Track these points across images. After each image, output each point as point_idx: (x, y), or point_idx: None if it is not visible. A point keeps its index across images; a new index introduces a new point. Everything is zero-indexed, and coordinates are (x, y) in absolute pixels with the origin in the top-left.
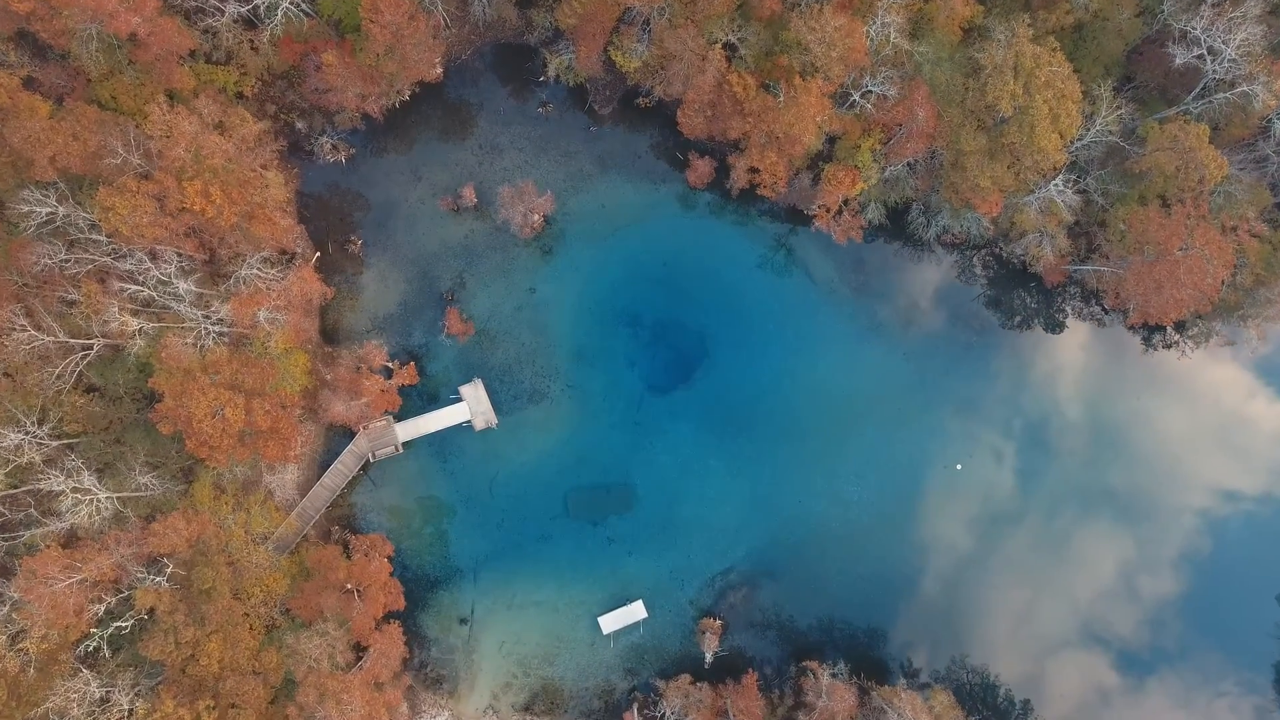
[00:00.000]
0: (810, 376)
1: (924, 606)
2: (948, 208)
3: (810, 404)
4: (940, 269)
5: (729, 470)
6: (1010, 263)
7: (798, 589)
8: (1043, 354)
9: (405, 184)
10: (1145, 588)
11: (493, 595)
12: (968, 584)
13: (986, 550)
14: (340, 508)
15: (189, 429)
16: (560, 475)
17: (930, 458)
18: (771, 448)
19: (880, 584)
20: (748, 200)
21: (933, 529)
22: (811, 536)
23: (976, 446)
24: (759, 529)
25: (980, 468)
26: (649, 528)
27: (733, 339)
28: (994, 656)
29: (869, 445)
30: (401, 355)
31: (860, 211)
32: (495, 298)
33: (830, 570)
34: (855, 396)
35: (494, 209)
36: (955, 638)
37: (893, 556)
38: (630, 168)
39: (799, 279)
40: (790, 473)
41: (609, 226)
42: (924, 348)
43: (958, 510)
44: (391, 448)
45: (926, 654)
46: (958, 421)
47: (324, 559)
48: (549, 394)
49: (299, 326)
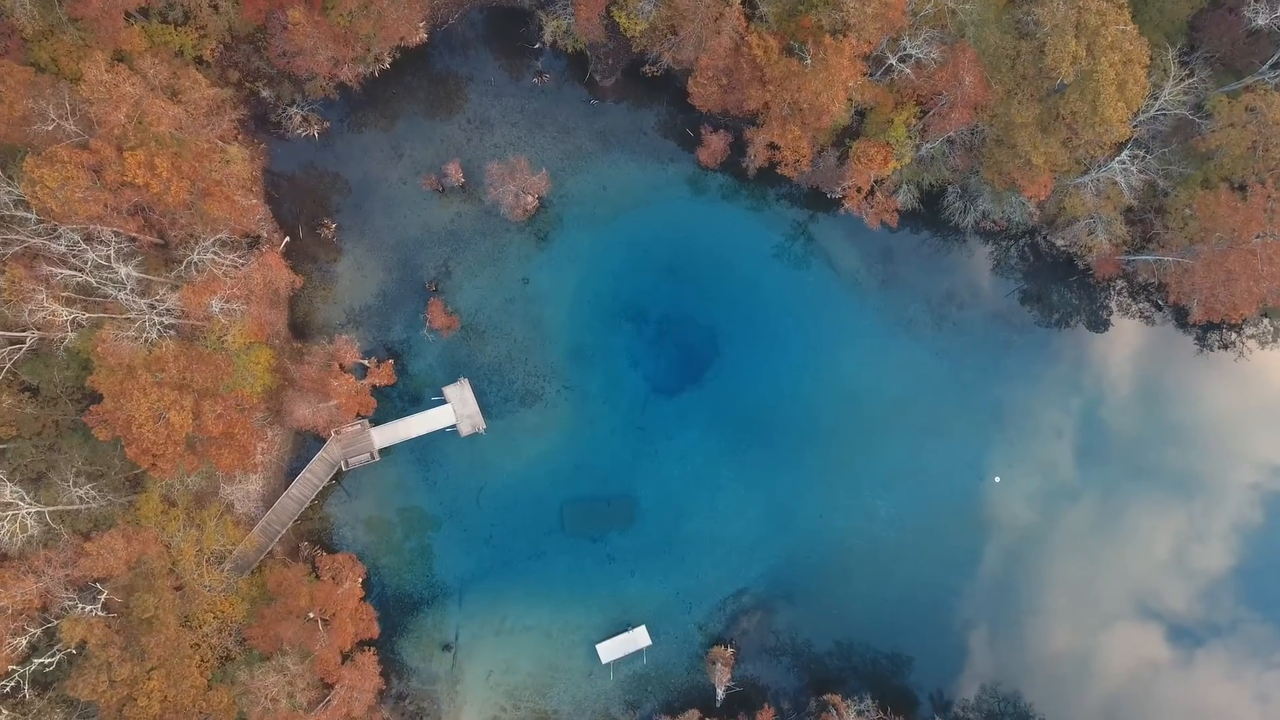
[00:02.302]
0: (832, 378)
1: (956, 633)
2: (989, 191)
3: (832, 408)
4: (977, 259)
5: (742, 481)
6: (1055, 253)
7: (818, 613)
8: (1090, 354)
9: (385, 162)
10: (1200, 583)
11: (479, 619)
12: (1005, 608)
13: (1026, 572)
14: (310, 521)
15: (128, 434)
16: (555, 486)
17: (965, 468)
18: (789, 456)
19: (909, 608)
20: (766, 182)
21: (968, 548)
22: (833, 555)
23: (1017, 457)
24: (775, 546)
25: (1021, 480)
26: (653, 545)
27: (747, 336)
28: (1030, 686)
29: (897, 454)
30: (380, 352)
31: (893, 193)
32: (484, 289)
33: (854, 592)
34: (882, 400)
35: (482, 189)
36: (990, 666)
37: (923, 578)
38: (635, 145)
39: (820, 270)
40: (810, 484)
41: (611, 210)
42: (958, 346)
43: (996, 528)
44: (367, 455)
45: (959, 684)
46: (996, 429)
47: (285, 581)
48: (543, 396)
49: (263, 319)
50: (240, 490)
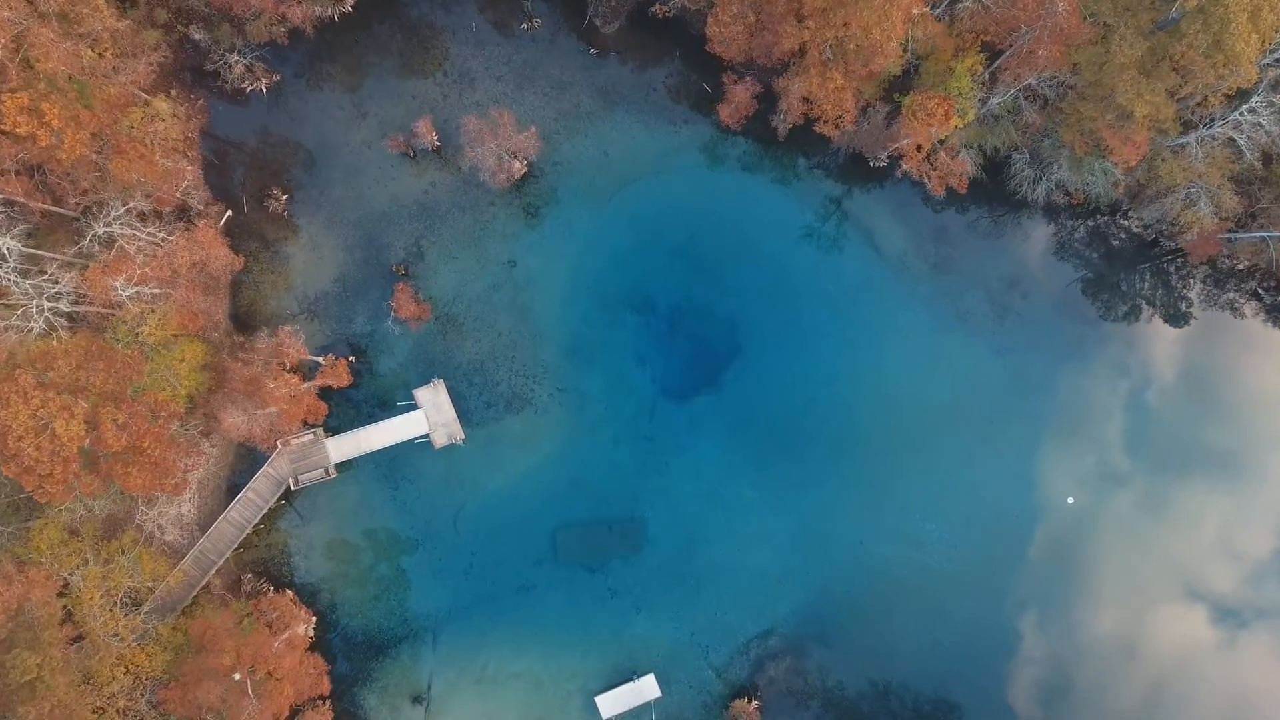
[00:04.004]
0: (874, 379)
1: (1018, 683)
2: (1066, 156)
3: (874, 415)
4: (1046, 240)
5: (767, 501)
6: (1136, 233)
7: (857, 658)
8: (1182, 352)
9: (346, 123)
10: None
11: (457, 665)
12: (1078, 653)
13: (1104, 610)
14: (255, 549)
15: (4, 449)
16: (547, 507)
17: (1032, 487)
18: (823, 472)
19: (964, 651)
20: (798, 146)
21: (1034, 581)
22: (875, 589)
23: (1093, 473)
24: (807, 579)
25: (1099, 502)
26: (663, 577)
27: (773, 330)
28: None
29: (950, 470)
30: (340, 348)
31: (957, 155)
32: (463, 273)
33: (899, 633)
34: (932, 406)
35: (460, 154)
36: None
37: (980, 616)
38: (642, 103)
39: (860, 252)
40: (847, 505)
41: (613, 181)
42: (1023, 342)
43: (1068, 558)
44: (321, 471)
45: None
46: (1068, 440)
47: (210, 631)
48: (533, 400)
49: (193, 307)
50: (169, 514)
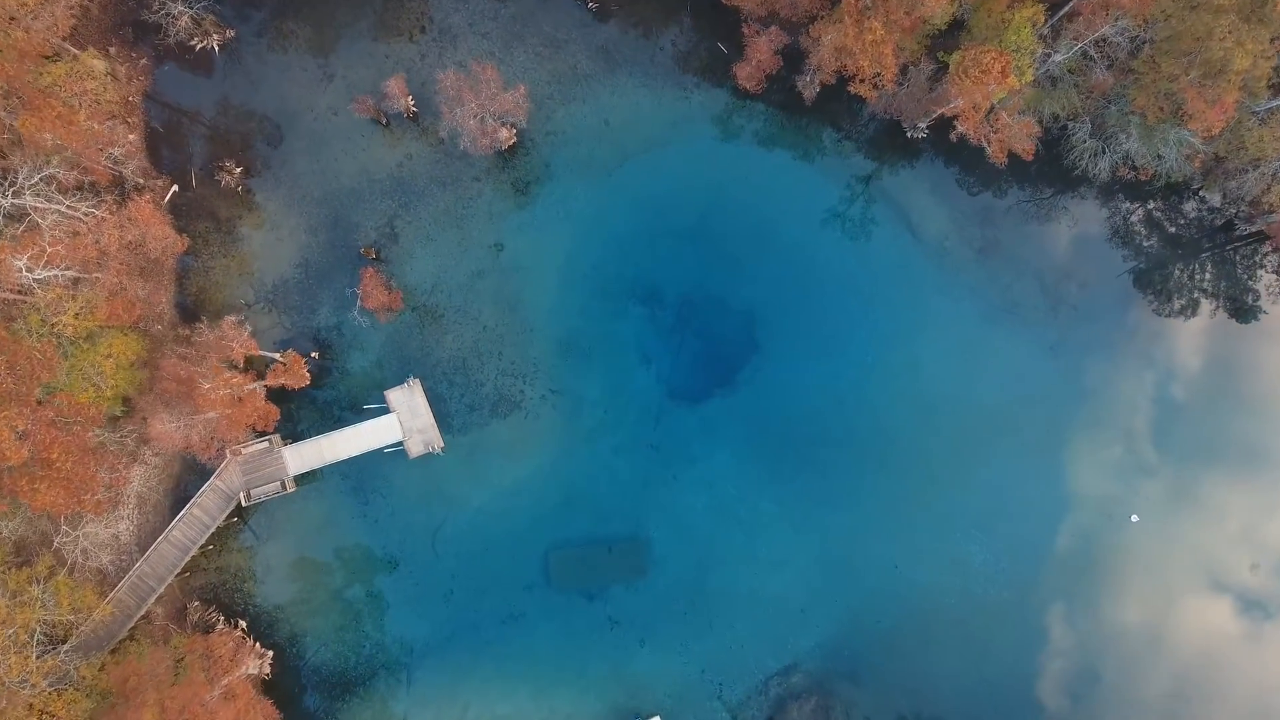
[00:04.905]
0: (910, 379)
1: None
2: (1136, 124)
3: (910, 420)
4: (1109, 221)
5: (789, 519)
6: (1211, 214)
7: (892, 699)
8: (1266, 351)
9: (310, 85)
10: None
11: (435, 705)
12: (1143, 696)
13: (1177, 645)
14: (205, 573)
15: None
16: (538, 525)
17: (1091, 502)
18: (852, 486)
19: (1012, 691)
20: (825, 113)
21: (1094, 610)
22: (912, 620)
23: (1160, 488)
24: (834, 608)
25: (1168, 519)
26: (670, 605)
27: (796, 323)
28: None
29: (998, 484)
30: (302, 343)
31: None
32: (443, 257)
33: (940, 671)
34: (977, 410)
35: (438, 120)
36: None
37: (1031, 651)
38: (648, 64)
39: (895, 234)
40: (880, 524)
41: (615, 153)
42: (1080, 338)
43: (1131, 584)
44: (277, 484)
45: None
46: (1132, 449)
47: (131, 678)
48: (522, 403)
49: (129, 295)
50: (99, 536)
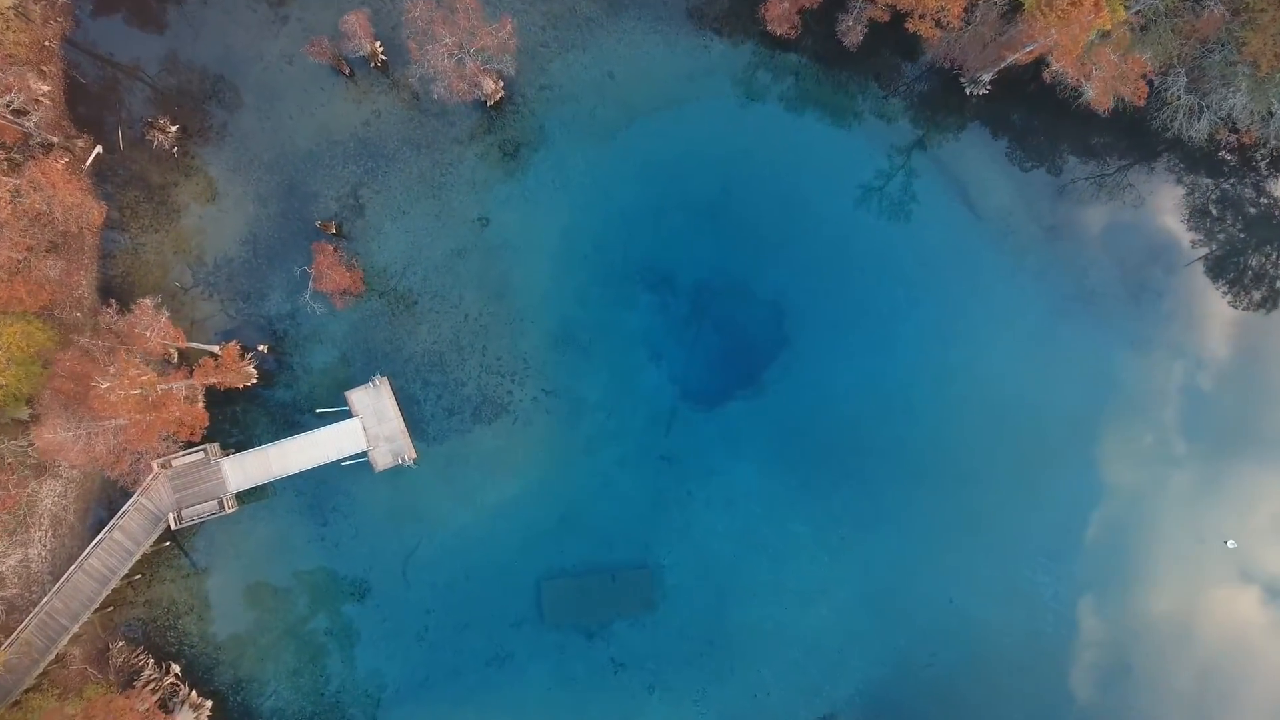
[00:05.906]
0: (965, 381)
1: None
2: (1243, 76)
3: (966, 428)
4: (1202, 194)
5: (824, 545)
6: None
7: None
8: None
9: (260, 29)
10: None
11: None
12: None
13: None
14: (132, 607)
15: None
16: (529, 550)
17: (1178, 527)
18: (898, 505)
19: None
20: (870, 64)
21: (1182, 652)
22: (971, 665)
23: (1263, 512)
24: (877, 649)
25: (1270, 547)
26: (684, 644)
27: (831, 314)
28: None
29: (1069, 504)
30: (248, 333)
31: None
32: (416, 233)
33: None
34: (1046, 417)
35: (408, 66)
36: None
37: (1114, 703)
38: (659, 7)
39: (949, 210)
40: (931, 550)
41: (621, 112)
42: (1168, 333)
43: (1229, 619)
44: (214, 503)
45: None
46: (1229, 465)
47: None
48: (510, 406)
49: (34, 275)
50: (7, 562)
